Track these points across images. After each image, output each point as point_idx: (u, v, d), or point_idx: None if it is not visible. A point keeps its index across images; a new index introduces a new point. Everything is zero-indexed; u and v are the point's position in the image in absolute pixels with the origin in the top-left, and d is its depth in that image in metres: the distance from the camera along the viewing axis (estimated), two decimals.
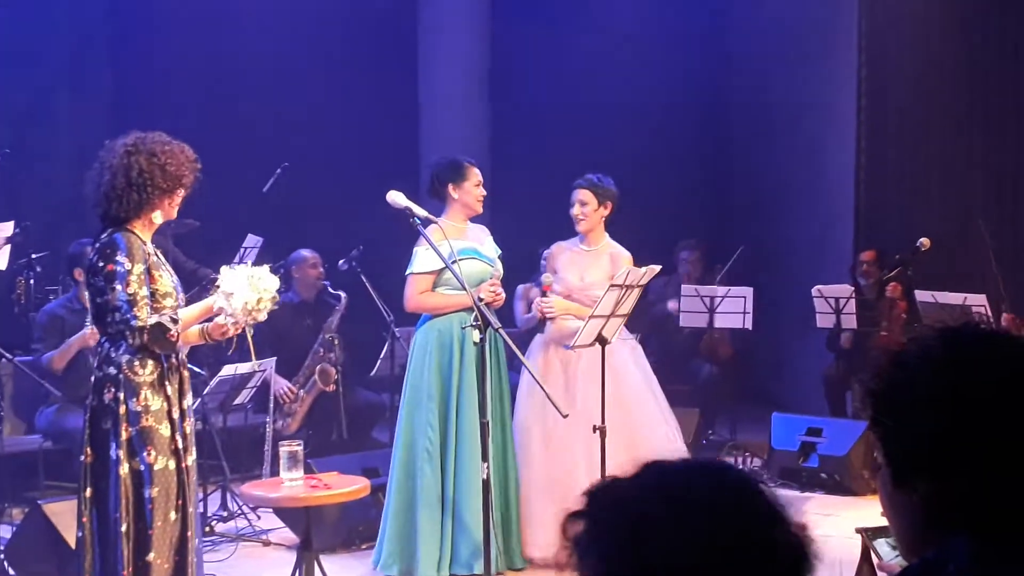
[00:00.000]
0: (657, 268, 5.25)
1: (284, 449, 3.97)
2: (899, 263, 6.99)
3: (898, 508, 1.43)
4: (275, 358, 6.59)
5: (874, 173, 8.51)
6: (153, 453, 3.90)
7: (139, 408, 3.90)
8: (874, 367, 1.45)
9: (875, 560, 3.15)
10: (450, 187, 5.29)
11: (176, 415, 3.98)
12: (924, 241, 6.90)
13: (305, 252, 7.44)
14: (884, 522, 1.66)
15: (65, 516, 4.96)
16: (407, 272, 5.28)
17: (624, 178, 9.77)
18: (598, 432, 4.88)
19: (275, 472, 4.99)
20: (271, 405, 6.80)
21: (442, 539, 5.16)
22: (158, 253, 4.11)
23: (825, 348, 7.77)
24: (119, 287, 3.86)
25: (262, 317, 3.97)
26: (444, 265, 5.00)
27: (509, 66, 9.57)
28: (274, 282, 3.98)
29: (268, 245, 7.80)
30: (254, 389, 6.38)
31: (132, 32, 9.28)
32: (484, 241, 5.43)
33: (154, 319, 3.89)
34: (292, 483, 3.97)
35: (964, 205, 8.08)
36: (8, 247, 7.34)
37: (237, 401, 6.34)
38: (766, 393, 9.18)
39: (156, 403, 3.93)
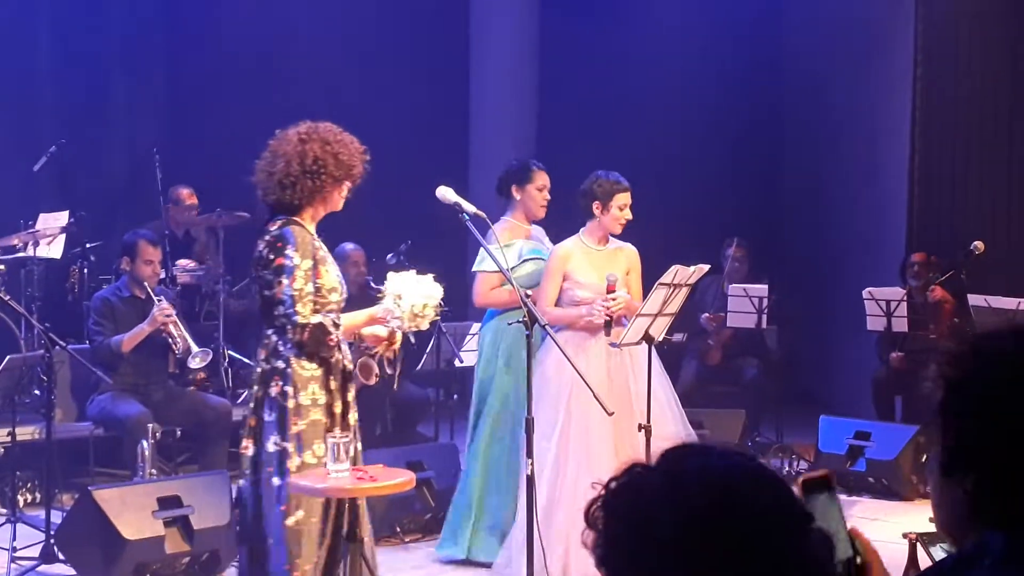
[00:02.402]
0: (706, 267, 5.21)
1: (331, 440, 3.98)
2: (952, 266, 6.91)
3: (944, 496, 1.45)
4: None
5: (928, 175, 8.41)
6: (320, 445, 3.96)
7: (307, 402, 3.95)
8: (955, 352, 1.44)
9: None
10: (514, 188, 5.49)
11: (338, 409, 4.04)
12: (978, 244, 6.81)
13: (348, 247, 7.41)
14: (934, 527, 1.66)
15: (114, 503, 5.02)
16: (474, 269, 5.47)
17: (674, 178, 9.82)
18: (642, 431, 4.86)
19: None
20: None
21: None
22: (322, 246, 4.14)
23: (874, 350, 7.68)
24: (285, 281, 3.89)
25: (424, 325, 4.02)
26: (512, 264, 5.22)
27: (558, 63, 9.57)
28: (438, 290, 4.02)
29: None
30: None
31: (186, 26, 9.38)
32: (543, 243, 5.60)
33: (317, 318, 3.91)
34: (338, 474, 3.98)
35: (1020, 209, 7.96)
36: (63, 236, 7.46)
37: None
38: (814, 395, 9.10)
39: (322, 397, 3.98)
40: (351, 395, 4.13)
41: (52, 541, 5.30)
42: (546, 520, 4.86)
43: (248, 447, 4.01)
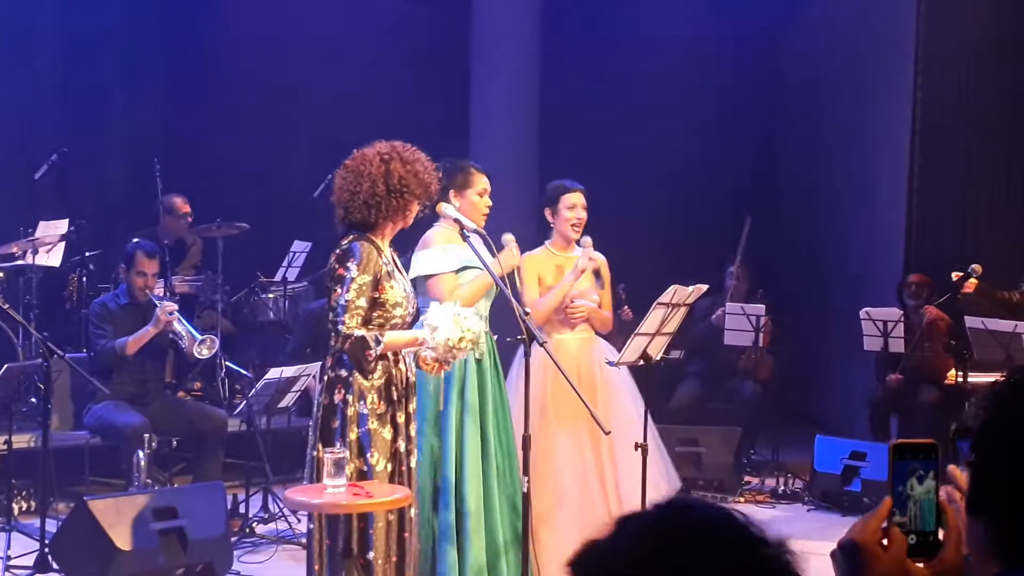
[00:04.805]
0: (704, 287, 5.22)
1: (329, 456, 3.98)
2: (949, 288, 6.93)
3: (968, 527, 1.45)
4: (320, 364, 6.62)
5: (926, 196, 8.42)
6: (376, 455, 4.07)
7: (366, 411, 4.06)
8: (997, 391, 1.43)
9: None
10: (451, 193, 4.90)
11: (401, 419, 4.14)
12: (976, 267, 6.83)
13: None
14: None
15: (109, 513, 5.01)
16: (426, 275, 4.83)
17: (673, 193, 9.84)
18: (639, 450, 4.87)
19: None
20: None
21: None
22: (395, 259, 4.21)
23: (870, 369, 7.69)
24: (340, 290, 4.02)
25: (461, 356, 4.12)
26: (454, 268, 4.88)
27: (559, 77, 9.59)
28: (478, 325, 4.08)
29: (316, 250, 7.87)
30: (298, 393, 6.43)
31: (186, 36, 9.40)
32: (480, 251, 4.96)
33: (360, 332, 4.01)
34: (335, 489, 3.98)
35: (1018, 231, 7.98)
36: (62, 245, 7.47)
37: (282, 404, 6.40)
38: (809, 414, 9.11)
39: (381, 407, 4.09)
40: (412, 406, 4.23)
41: (46, 550, 5.29)
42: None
43: (321, 452, 4.12)
